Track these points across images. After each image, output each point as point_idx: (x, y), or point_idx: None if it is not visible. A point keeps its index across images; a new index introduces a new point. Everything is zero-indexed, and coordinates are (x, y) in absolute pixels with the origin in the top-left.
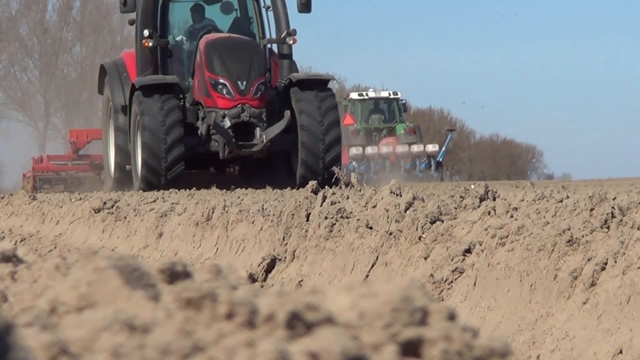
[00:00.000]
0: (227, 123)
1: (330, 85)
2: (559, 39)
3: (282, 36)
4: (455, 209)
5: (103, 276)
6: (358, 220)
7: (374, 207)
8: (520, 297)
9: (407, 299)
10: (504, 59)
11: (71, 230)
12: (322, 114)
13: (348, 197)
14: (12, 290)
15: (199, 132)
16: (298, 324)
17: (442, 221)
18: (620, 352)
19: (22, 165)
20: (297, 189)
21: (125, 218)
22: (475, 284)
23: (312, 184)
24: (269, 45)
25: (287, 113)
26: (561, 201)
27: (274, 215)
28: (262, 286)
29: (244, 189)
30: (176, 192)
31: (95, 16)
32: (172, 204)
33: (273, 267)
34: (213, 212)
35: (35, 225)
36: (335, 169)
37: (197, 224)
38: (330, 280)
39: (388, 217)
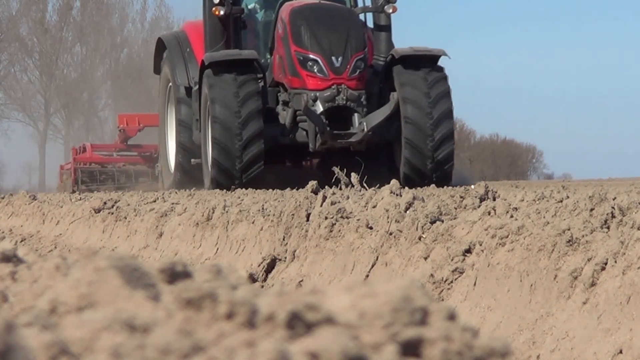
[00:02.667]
0: (319, 108)
1: (440, 63)
2: (559, 39)
3: (380, 3)
4: (455, 209)
5: (103, 276)
6: (358, 220)
7: (374, 207)
8: (520, 297)
9: (407, 299)
10: (504, 59)
11: (71, 230)
12: (431, 102)
13: (348, 197)
14: (12, 290)
15: (280, 119)
16: (298, 324)
17: (442, 221)
18: (620, 352)
19: (22, 165)
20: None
21: (126, 218)
22: (475, 284)
23: (312, 183)
24: (361, 16)
25: (393, 96)
26: (561, 201)
27: (274, 215)
28: (262, 286)
29: (243, 189)
30: (176, 192)
31: (95, 16)
32: (172, 204)
33: (273, 267)
34: (213, 212)
35: (36, 225)
36: (335, 169)
37: (197, 224)
38: (331, 280)
39: (388, 217)
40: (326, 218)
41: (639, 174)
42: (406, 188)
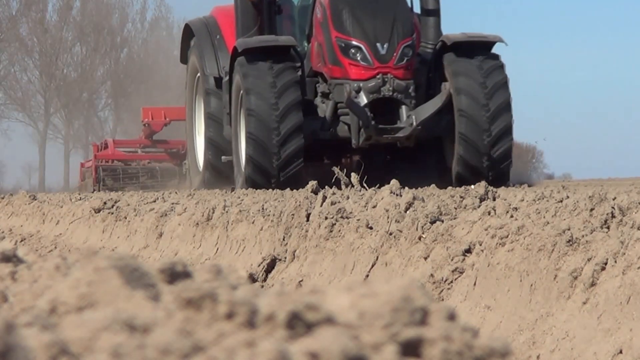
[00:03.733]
0: (363, 99)
1: (495, 50)
2: (559, 39)
3: None
4: (455, 209)
5: (103, 276)
6: (358, 220)
7: (374, 207)
8: (520, 297)
9: (407, 299)
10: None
11: (71, 230)
12: (488, 93)
13: (348, 197)
14: (12, 290)
15: (319, 112)
16: (298, 324)
17: (442, 221)
18: (620, 352)
19: (22, 165)
20: (455, 187)
21: (126, 218)
22: (475, 284)
23: (312, 184)
24: None
25: (445, 86)
26: (561, 201)
27: (274, 215)
28: (262, 286)
29: (244, 190)
30: (176, 192)
31: (95, 16)
32: (172, 204)
33: (273, 267)
34: (213, 212)
35: (36, 225)
36: (335, 169)
37: (197, 224)
38: (330, 280)
39: (388, 217)
40: (326, 218)
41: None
42: (406, 188)
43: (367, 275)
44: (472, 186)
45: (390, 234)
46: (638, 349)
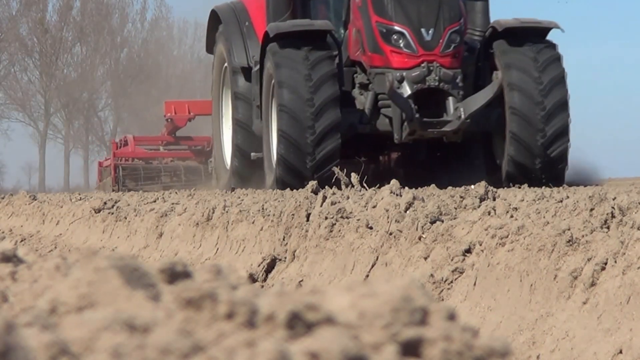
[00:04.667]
0: (407, 90)
1: (549, 38)
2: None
3: None
4: (455, 209)
5: (103, 276)
6: (358, 220)
7: (374, 207)
8: (520, 297)
9: (407, 299)
10: None
11: (71, 230)
12: (543, 90)
13: (348, 197)
14: (12, 290)
15: (357, 104)
16: (298, 324)
17: (442, 221)
18: (620, 352)
19: (22, 165)
20: (504, 187)
21: (126, 218)
22: (475, 284)
23: (312, 183)
24: None
25: (497, 75)
26: (561, 201)
27: (274, 215)
28: (262, 286)
29: (244, 190)
30: (176, 192)
31: (95, 16)
32: (172, 204)
33: (273, 267)
34: (213, 212)
35: (36, 225)
36: (336, 169)
37: (197, 224)
38: (330, 280)
39: (388, 217)
40: (326, 218)
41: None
42: (406, 188)
43: (367, 275)
44: (472, 186)
45: (390, 234)
46: (638, 349)
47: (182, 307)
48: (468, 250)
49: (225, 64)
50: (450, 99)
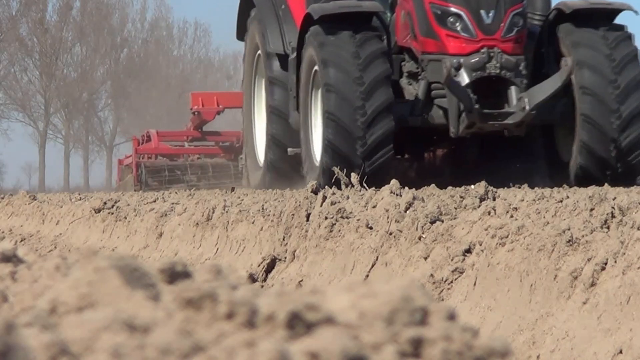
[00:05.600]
0: (465, 78)
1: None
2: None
3: None
4: (455, 209)
5: (103, 276)
6: (358, 220)
7: (374, 207)
8: (520, 297)
9: (407, 299)
10: None
11: (71, 230)
12: (616, 67)
13: (348, 197)
14: (12, 290)
15: (406, 94)
16: (298, 324)
17: (442, 221)
18: (620, 352)
19: (22, 165)
20: (574, 186)
21: (125, 218)
22: (475, 284)
23: (312, 183)
24: None
25: (567, 61)
26: (561, 201)
27: (274, 215)
28: (262, 286)
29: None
30: (176, 192)
31: (95, 16)
32: (172, 204)
33: (273, 267)
34: (213, 212)
35: (35, 225)
36: (335, 169)
37: (197, 224)
38: (330, 280)
39: (388, 217)
40: (326, 218)
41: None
42: (406, 188)
43: (367, 275)
44: (472, 186)
45: (390, 234)
46: (638, 349)
47: (182, 307)
48: (468, 250)
49: (259, 52)
50: (513, 88)
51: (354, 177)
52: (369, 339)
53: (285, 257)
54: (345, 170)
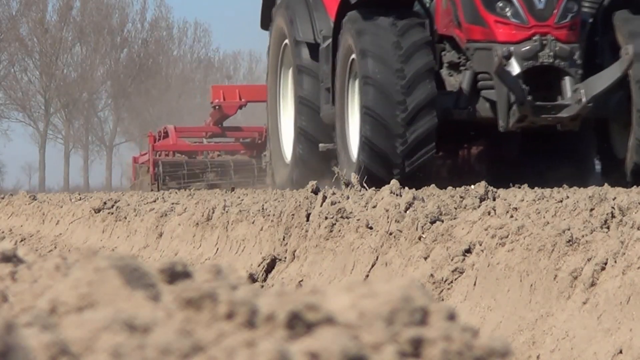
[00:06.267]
0: (515, 68)
1: None
2: None
3: None
4: (455, 209)
5: (103, 276)
6: (358, 220)
7: (374, 207)
8: (520, 297)
9: (407, 299)
10: None
11: (71, 230)
12: None
13: (348, 197)
14: (12, 290)
15: (448, 86)
16: (298, 324)
17: (442, 221)
18: (620, 352)
19: (22, 165)
20: (630, 187)
21: (125, 218)
22: (475, 284)
23: (312, 183)
24: None
25: (628, 50)
26: (561, 201)
27: (274, 215)
28: (262, 286)
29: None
30: (176, 192)
31: (95, 16)
32: (172, 204)
33: (273, 267)
34: (213, 212)
35: (35, 225)
36: (335, 168)
37: (197, 224)
38: (330, 280)
39: (388, 217)
40: (326, 218)
41: None
42: (406, 188)
43: (367, 275)
44: (472, 186)
45: (390, 234)
46: (638, 349)
47: (182, 307)
48: (468, 250)
49: (285, 41)
50: (567, 78)
51: (354, 177)
52: (369, 339)
53: (285, 257)
54: (383, 169)
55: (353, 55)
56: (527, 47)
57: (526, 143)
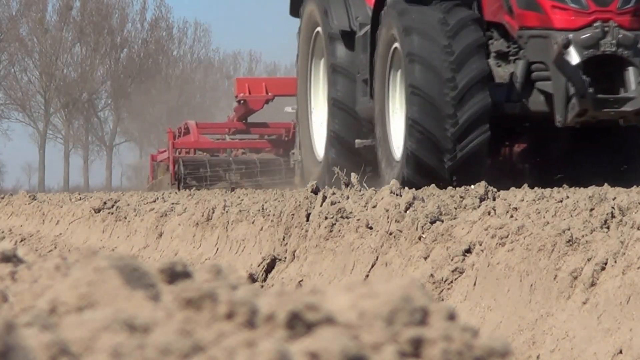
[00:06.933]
0: (575, 57)
1: None
2: None
3: None
4: (455, 209)
5: (103, 276)
6: (358, 220)
7: (374, 207)
8: (520, 297)
9: (407, 299)
10: None
11: (71, 230)
12: None
13: (348, 197)
14: (12, 290)
15: (496, 78)
16: (298, 324)
17: (442, 221)
18: (620, 352)
19: (22, 165)
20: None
21: (125, 218)
22: (475, 284)
23: (312, 183)
24: None
25: None
26: (561, 201)
27: (274, 215)
28: (262, 286)
29: (243, 189)
30: (176, 192)
31: (95, 16)
32: (172, 204)
33: (273, 267)
34: (213, 212)
35: (35, 225)
36: (335, 168)
37: (197, 224)
38: (330, 280)
39: (388, 217)
40: (326, 218)
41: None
42: (406, 188)
43: (367, 275)
44: (472, 186)
45: (390, 234)
46: (638, 349)
47: (182, 307)
48: (468, 250)
49: (318, 29)
50: (631, 69)
51: (354, 176)
52: (369, 339)
53: (285, 257)
54: (432, 155)
55: (395, 44)
56: (588, 35)
57: (577, 139)
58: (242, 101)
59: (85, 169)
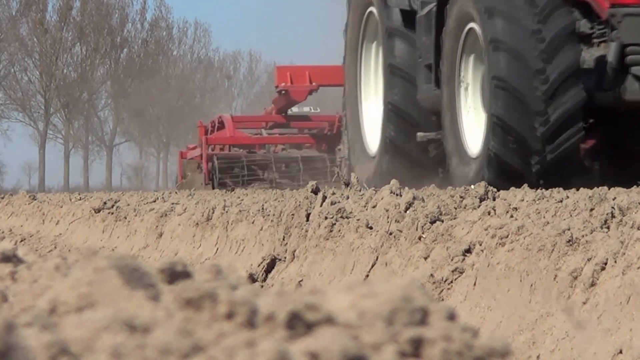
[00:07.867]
0: None
1: None
2: None
3: None
4: (455, 209)
5: (103, 276)
6: (358, 220)
7: (374, 207)
8: (520, 297)
9: (407, 299)
10: None
11: (71, 230)
12: None
13: (348, 197)
14: (12, 290)
15: (583, 63)
16: (298, 324)
17: (442, 221)
18: (620, 352)
19: (22, 165)
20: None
21: (125, 218)
22: (475, 284)
23: (312, 183)
24: None
25: None
26: (561, 201)
27: (274, 215)
28: (262, 286)
29: (244, 189)
30: (176, 192)
31: (95, 16)
32: (172, 204)
33: (273, 267)
34: (213, 212)
35: (35, 225)
36: (335, 169)
37: (197, 224)
38: (330, 280)
39: (388, 217)
40: (326, 218)
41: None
42: (406, 188)
43: (367, 275)
44: (472, 186)
45: (390, 234)
46: (638, 349)
47: (182, 307)
48: (468, 250)
49: (370, 9)
50: None
51: (354, 176)
52: (369, 339)
53: (285, 257)
54: (519, 157)
55: (470, 24)
56: None
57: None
58: (283, 92)
59: (85, 169)
